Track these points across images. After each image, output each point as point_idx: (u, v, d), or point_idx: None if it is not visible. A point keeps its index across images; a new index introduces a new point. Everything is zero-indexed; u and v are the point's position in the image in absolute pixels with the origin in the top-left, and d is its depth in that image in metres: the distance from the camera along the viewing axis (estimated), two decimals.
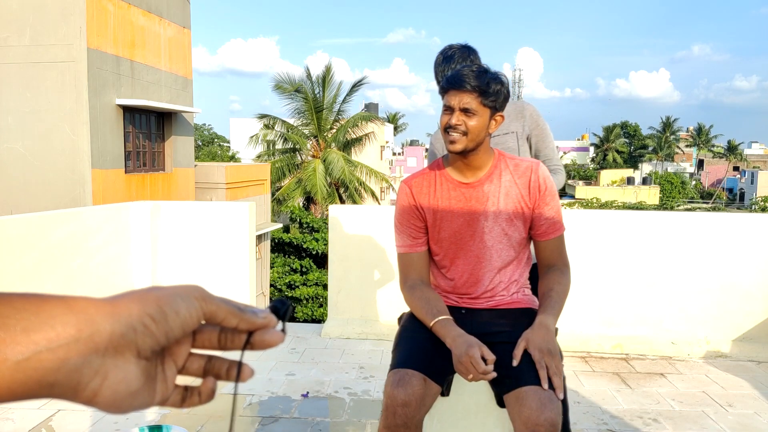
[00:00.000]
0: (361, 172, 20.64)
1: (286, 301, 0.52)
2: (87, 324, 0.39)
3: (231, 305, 0.46)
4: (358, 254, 4.07)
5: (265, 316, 0.48)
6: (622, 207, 28.33)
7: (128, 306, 0.41)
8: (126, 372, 0.41)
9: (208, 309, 0.45)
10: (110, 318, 0.40)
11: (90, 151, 9.92)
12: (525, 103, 2.36)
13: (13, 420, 2.75)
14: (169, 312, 0.43)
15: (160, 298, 0.43)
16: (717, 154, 63.48)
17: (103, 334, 0.40)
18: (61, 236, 3.49)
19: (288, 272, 16.86)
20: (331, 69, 20.47)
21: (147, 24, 11.51)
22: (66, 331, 0.38)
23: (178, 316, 0.43)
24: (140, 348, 0.42)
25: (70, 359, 0.38)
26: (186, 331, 0.44)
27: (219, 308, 0.46)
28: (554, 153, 2.40)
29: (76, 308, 0.40)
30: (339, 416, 2.87)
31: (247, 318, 0.47)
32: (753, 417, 2.90)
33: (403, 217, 1.84)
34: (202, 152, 38.77)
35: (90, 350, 0.39)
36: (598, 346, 3.83)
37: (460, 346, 1.57)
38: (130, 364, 0.42)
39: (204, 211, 4.31)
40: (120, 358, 0.41)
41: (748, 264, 3.78)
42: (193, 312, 0.44)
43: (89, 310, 0.40)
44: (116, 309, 0.41)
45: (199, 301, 0.45)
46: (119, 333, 0.40)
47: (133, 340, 0.41)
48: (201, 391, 0.49)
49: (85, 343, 0.39)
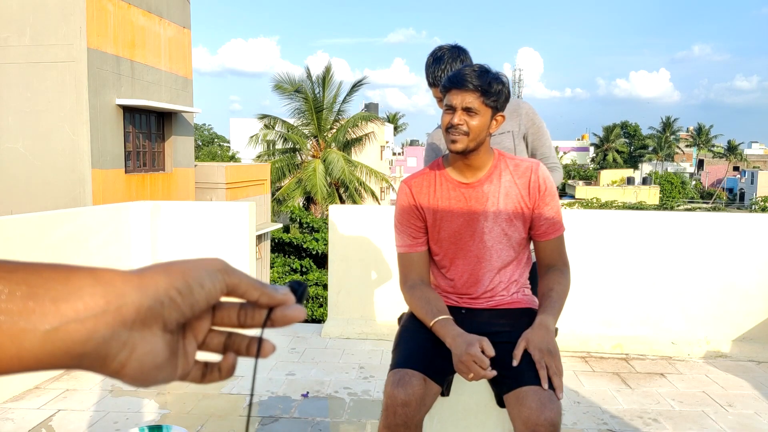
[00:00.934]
0: (361, 172, 20.64)
1: (302, 282, 0.52)
2: (115, 296, 0.39)
3: (252, 280, 0.47)
4: (358, 254, 4.07)
5: (285, 293, 0.48)
6: (622, 207, 28.32)
7: (155, 279, 0.42)
8: (153, 345, 0.41)
9: (231, 282, 0.45)
10: (138, 290, 0.40)
11: (90, 151, 9.92)
12: (520, 101, 2.34)
13: (13, 420, 2.75)
14: (194, 285, 0.43)
15: (185, 271, 0.43)
16: (717, 154, 63.48)
17: (130, 307, 0.40)
18: (61, 236, 3.49)
19: (288, 272, 16.86)
20: (331, 69, 20.47)
21: (147, 24, 11.51)
22: (94, 302, 0.39)
23: (203, 288, 0.43)
24: (166, 321, 0.42)
25: (99, 331, 0.38)
26: (210, 303, 0.44)
27: (241, 281, 0.46)
28: (551, 151, 2.39)
29: (103, 280, 0.40)
30: (339, 416, 2.87)
31: (268, 293, 0.47)
32: (753, 417, 2.90)
33: (403, 217, 1.85)
34: (202, 152, 38.77)
35: (118, 322, 0.39)
36: (598, 346, 3.83)
37: (460, 345, 1.57)
38: (157, 337, 0.42)
39: (204, 211, 4.31)
40: (147, 330, 0.41)
41: (748, 264, 3.78)
42: (217, 284, 0.44)
43: (117, 282, 0.40)
44: (144, 281, 0.41)
45: (222, 273, 0.45)
46: (147, 306, 0.41)
47: (160, 313, 0.41)
48: (221, 366, 0.49)
49: (113, 315, 0.39)
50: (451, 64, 2.21)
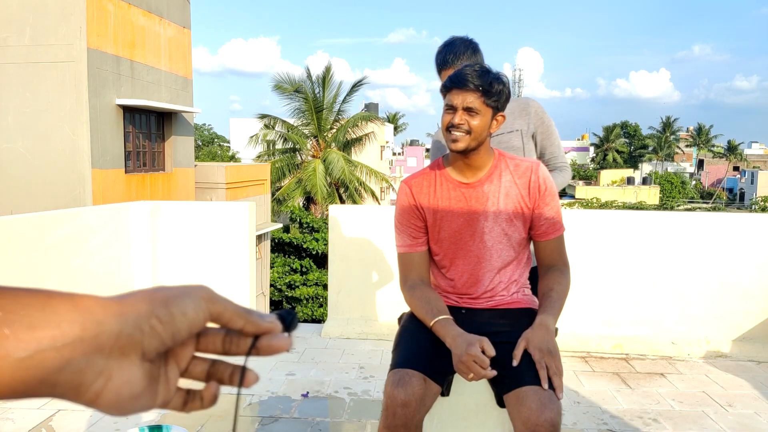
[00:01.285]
0: (361, 172, 20.64)
1: (293, 312, 0.50)
2: (93, 323, 0.38)
3: (238, 308, 0.45)
4: (358, 254, 4.07)
5: (271, 320, 0.47)
6: (622, 207, 28.32)
7: (136, 306, 0.41)
8: (130, 374, 0.40)
9: (215, 309, 0.44)
10: (117, 318, 0.39)
11: (90, 151, 9.92)
12: (529, 99, 2.31)
13: (13, 420, 2.75)
14: (176, 313, 0.42)
15: (168, 298, 0.42)
16: (717, 154, 63.49)
17: (109, 335, 0.39)
18: (61, 236, 3.49)
19: (288, 272, 16.86)
20: (330, 69, 20.47)
21: (147, 24, 11.51)
22: (71, 330, 0.38)
23: (185, 317, 0.42)
24: (146, 349, 0.41)
25: (74, 359, 0.37)
26: (192, 332, 0.43)
27: (225, 309, 0.45)
28: (560, 150, 2.35)
29: (81, 306, 0.39)
30: (339, 416, 2.87)
31: (254, 320, 0.46)
32: (753, 417, 2.90)
33: (403, 217, 1.84)
34: (202, 152, 38.77)
35: (94, 350, 0.38)
36: (598, 346, 3.83)
37: (460, 345, 1.57)
38: (135, 366, 0.41)
39: (204, 211, 4.31)
40: (125, 359, 0.40)
41: (748, 264, 3.78)
42: (200, 313, 0.43)
43: (95, 309, 0.39)
44: (123, 309, 0.40)
45: (206, 301, 0.44)
46: (126, 333, 0.39)
47: (139, 341, 0.40)
48: (203, 395, 0.47)
49: (89, 343, 0.38)
50: (463, 52, 2.19)
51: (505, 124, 2.23)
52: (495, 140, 2.23)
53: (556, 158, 2.34)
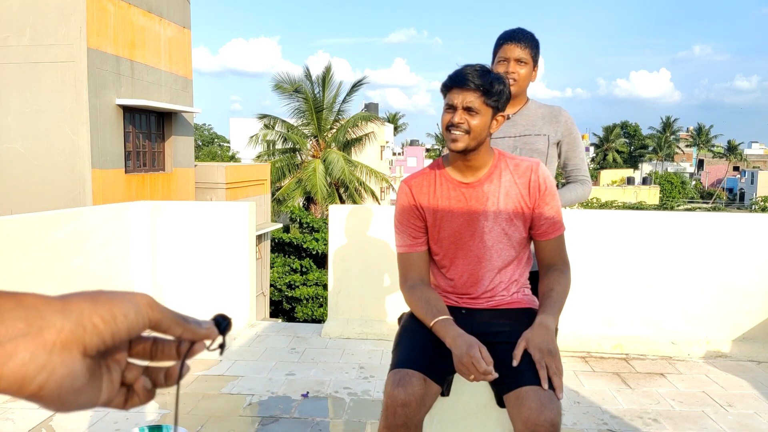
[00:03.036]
0: (361, 172, 20.64)
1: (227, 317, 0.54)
2: (36, 319, 0.40)
3: (176, 316, 0.48)
4: (358, 254, 4.07)
5: (208, 327, 0.50)
6: (622, 207, 28.33)
7: (79, 304, 0.42)
8: (71, 368, 0.42)
9: (154, 317, 0.46)
10: (60, 314, 0.41)
11: (90, 151, 9.92)
12: (561, 109, 2.34)
13: (13, 420, 2.75)
14: (118, 315, 0.43)
15: (111, 300, 0.44)
16: (717, 154, 63.48)
17: (51, 330, 0.40)
18: (61, 236, 3.49)
19: (288, 272, 16.86)
20: (330, 69, 20.47)
21: (147, 24, 11.51)
22: (15, 326, 0.39)
23: (126, 319, 0.44)
24: (87, 346, 0.42)
25: (18, 354, 0.39)
26: (131, 335, 0.45)
27: (164, 317, 0.47)
28: (584, 163, 2.38)
29: (26, 303, 0.40)
30: (339, 416, 2.87)
31: (191, 329, 0.49)
32: (753, 417, 2.90)
33: (403, 217, 1.84)
34: (202, 152, 38.77)
35: (38, 345, 0.40)
36: (598, 346, 3.83)
37: (460, 346, 1.57)
38: (76, 360, 0.42)
39: (204, 211, 4.31)
40: (67, 354, 0.41)
41: (748, 264, 3.78)
42: (140, 318, 0.45)
43: (39, 305, 0.41)
44: (67, 306, 0.42)
45: (147, 308, 0.46)
46: (68, 329, 0.41)
47: (81, 337, 0.42)
48: (137, 390, 0.50)
49: (33, 338, 0.39)
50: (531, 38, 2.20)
51: (533, 126, 2.26)
52: (521, 140, 2.25)
53: (579, 170, 2.37)
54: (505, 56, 2.20)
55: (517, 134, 2.26)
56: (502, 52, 2.22)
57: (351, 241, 4.07)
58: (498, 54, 2.24)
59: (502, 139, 2.27)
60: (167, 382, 0.51)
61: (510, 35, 2.21)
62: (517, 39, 2.19)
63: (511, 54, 2.19)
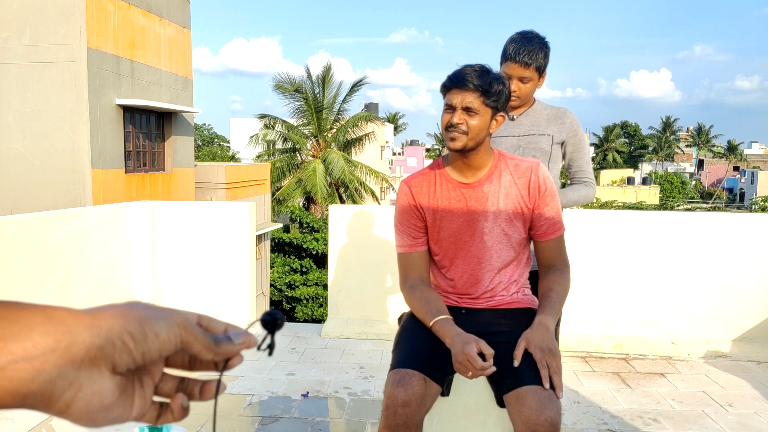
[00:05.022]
0: (361, 172, 20.64)
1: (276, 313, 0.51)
2: (65, 334, 0.39)
3: (208, 340, 0.47)
4: (358, 254, 4.07)
5: (242, 341, 0.49)
6: (622, 207, 28.33)
7: (109, 320, 0.41)
8: (100, 385, 0.41)
9: (186, 339, 0.45)
10: (89, 330, 0.40)
11: (90, 151, 9.92)
12: (567, 110, 2.34)
13: (13, 420, 2.75)
14: (149, 333, 0.43)
15: (142, 318, 0.43)
16: (717, 154, 63.48)
17: (80, 346, 0.39)
18: (61, 236, 3.49)
19: (288, 272, 16.86)
20: (330, 69, 20.47)
21: (147, 24, 11.51)
22: (44, 341, 0.38)
23: (157, 338, 0.43)
24: (116, 363, 0.42)
25: (46, 370, 0.38)
26: (162, 355, 0.44)
27: (197, 340, 0.46)
28: (588, 165, 2.38)
29: (54, 318, 0.39)
30: (339, 416, 2.87)
31: (222, 352, 0.48)
32: (753, 417, 2.90)
33: (403, 217, 1.84)
34: (202, 152, 38.77)
35: (66, 361, 0.39)
36: (598, 346, 3.83)
37: (457, 344, 1.57)
38: (105, 377, 0.41)
39: (204, 211, 4.31)
40: (95, 370, 0.41)
41: (748, 264, 3.78)
42: (172, 338, 0.44)
43: (68, 320, 0.40)
44: (96, 321, 0.41)
45: (179, 329, 0.45)
46: (97, 345, 0.40)
47: (110, 355, 0.41)
48: (173, 408, 0.49)
49: (61, 354, 0.39)
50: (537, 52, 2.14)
51: (537, 126, 2.25)
52: (524, 140, 2.25)
53: (583, 172, 2.37)
54: (509, 73, 2.17)
55: (522, 134, 2.26)
56: (506, 67, 2.18)
57: (351, 241, 4.07)
58: (502, 67, 2.20)
59: (507, 138, 2.27)
60: (202, 397, 0.50)
61: (515, 53, 2.14)
62: (520, 58, 2.13)
63: (513, 73, 2.16)
